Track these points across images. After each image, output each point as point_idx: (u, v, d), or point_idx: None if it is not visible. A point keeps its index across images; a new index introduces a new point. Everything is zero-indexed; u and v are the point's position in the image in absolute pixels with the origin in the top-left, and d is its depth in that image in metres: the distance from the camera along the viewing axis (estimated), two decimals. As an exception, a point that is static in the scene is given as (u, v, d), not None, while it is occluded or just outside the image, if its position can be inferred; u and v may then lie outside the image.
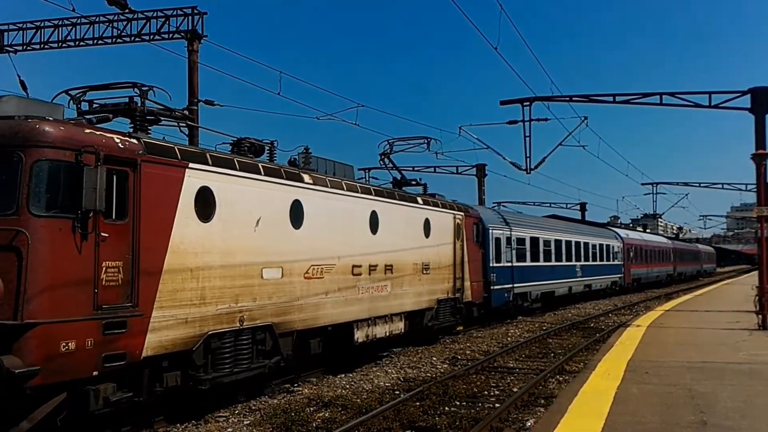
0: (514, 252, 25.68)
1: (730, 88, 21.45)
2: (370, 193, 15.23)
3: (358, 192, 14.62)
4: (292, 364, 12.73)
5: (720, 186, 52.24)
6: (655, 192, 56.84)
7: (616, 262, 40.83)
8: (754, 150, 18.78)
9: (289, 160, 13.72)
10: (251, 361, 11.17)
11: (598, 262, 37.13)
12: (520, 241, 26.64)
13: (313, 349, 13.10)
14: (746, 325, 17.98)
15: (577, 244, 33.93)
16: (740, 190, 51.32)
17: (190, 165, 9.94)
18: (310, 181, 12.93)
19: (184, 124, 11.68)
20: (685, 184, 54.48)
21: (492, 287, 23.37)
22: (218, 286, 10.33)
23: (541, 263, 28.91)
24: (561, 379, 13.52)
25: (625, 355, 12.88)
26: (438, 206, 18.89)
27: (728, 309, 23.86)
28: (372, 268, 14.85)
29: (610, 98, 21.89)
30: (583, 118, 26.77)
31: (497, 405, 11.05)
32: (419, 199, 17.88)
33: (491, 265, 23.45)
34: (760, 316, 17.79)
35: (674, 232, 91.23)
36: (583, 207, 57.05)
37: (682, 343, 14.82)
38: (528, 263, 27.22)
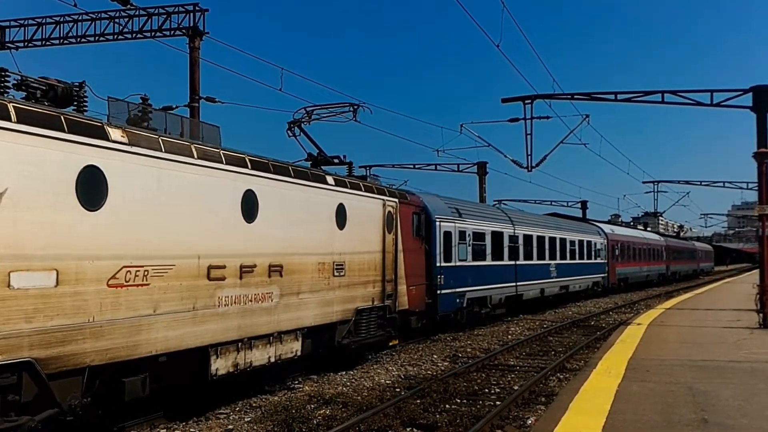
0: (470, 249, 21.87)
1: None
2: (244, 165, 11.02)
3: (220, 162, 10.45)
4: (96, 415, 8.95)
5: (721, 184, 52.37)
6: (656, 190, 57.06)
7: (598, 261, 37.60)
8: (756, 148, 18.78)
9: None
10: None
11: (576, 261, 33.69)
12: (479, 236, 22.71)
13: (130, 392, 8.91)
14: (747, 323, 17.97)
15: (552, 240, 30.32)
16: (741, 188, 51.49)
17: None
18: (123, 140, 8.78)
19: None
20: (687, 182, 54.66)
21: (439, 291, 19.39)
22: None
23: (506, 262, 24.95)
24: (562, 377, 13.53)
25: (626, 353, 12.87)
26: (360, 189, 14.73)
27: (729, 307, 23.85)
28: (245, 269, 10.80)
29: (612, 96, 21.90)
30: (584, 116, 26.80)
31: (498, 403, 11.06)
32: (330, 179, 13.70)
33: (438, 264, 19.49)
34: (761, 315, 17.78)
35: (675, 230, 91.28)
36: (584, 205, 57.01)
37: (683, 341, 14.82)
38: (488, 262, 23.29)
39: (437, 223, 19.71)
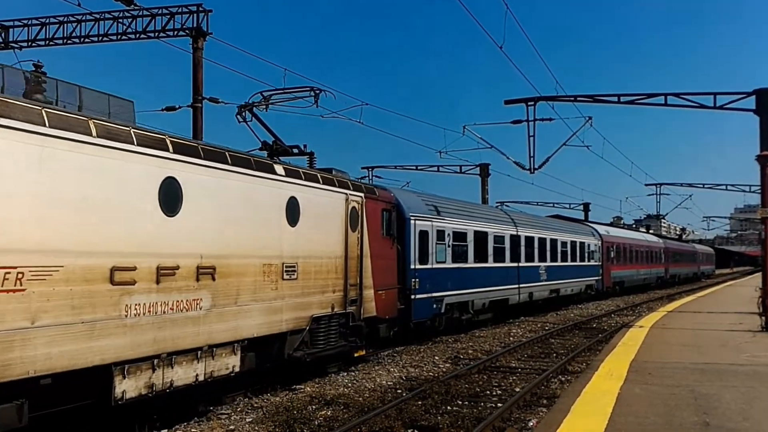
0: (449, 250, 20.26)
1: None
2: (163, 148, 9.34)
3: (130, 143, 8.78)
4: None
5: (724, 187, 52.36)
6: (658, 193, 56.92)
7: (592, 263, 36.11)
8: (759, 151, 18.75)
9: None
10: None
11: (568, 263, 32.21)
12: (460, 236, 21.09)
13: (1, 423, 7.43)
14: (749, 326, 17.95)
15: (541, 241, 28.72)
16: (744, 191, 51.42)
17: None
18: None
19: None
20: (689, 185, 54.76)
21: (413, 296, 17.82)
22: None
23: (490, 264, 23.28)
24: (563, 379, 13.52)
25: (628, 356, 12.86)
26: (317, 181, 13.06)
27: (731, 310, 23.83)
28: (164, 272, 9.14)
29: (615, 98, 21.88)
30: (587, 118, 26.77)
31: (499, 405, 11.05)
32: (278, 168, 12.02)
33: (412, 267, 17.94)
34: (763, 318, 17.75)
35: (677, 233, 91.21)
36: (586, 207, 57.03)
37: (685, 344, 14.80)
38: (470, 264, 21.69)
39: (411, 222, 18.15)
